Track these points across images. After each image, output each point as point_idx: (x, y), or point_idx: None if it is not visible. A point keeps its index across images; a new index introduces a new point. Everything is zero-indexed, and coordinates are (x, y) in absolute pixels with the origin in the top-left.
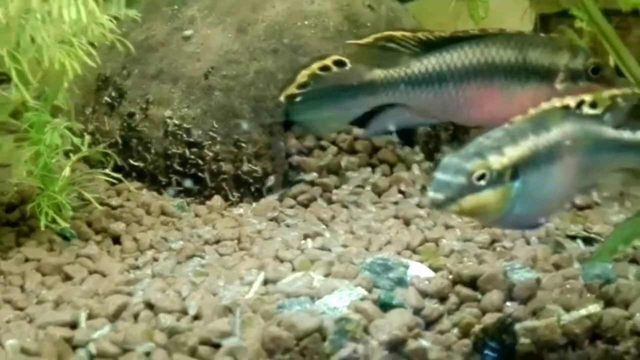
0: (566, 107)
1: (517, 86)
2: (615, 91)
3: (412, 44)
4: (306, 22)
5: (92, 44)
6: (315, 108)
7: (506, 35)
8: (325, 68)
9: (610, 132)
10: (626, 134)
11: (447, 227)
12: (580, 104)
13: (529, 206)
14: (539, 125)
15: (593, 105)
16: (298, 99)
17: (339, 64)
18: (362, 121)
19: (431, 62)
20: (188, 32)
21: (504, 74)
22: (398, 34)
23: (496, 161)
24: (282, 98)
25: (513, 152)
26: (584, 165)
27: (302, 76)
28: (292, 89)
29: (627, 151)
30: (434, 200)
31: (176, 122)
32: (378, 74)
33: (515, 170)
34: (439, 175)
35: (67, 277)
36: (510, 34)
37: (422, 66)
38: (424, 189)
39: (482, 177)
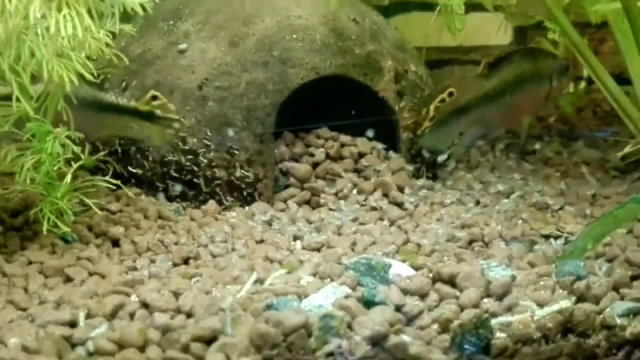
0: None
1: (538, 89)
2: None
3: (483, 66)
4: (294, 36)
5: (90, 58)
6: (442, 134)
7: (526, 49)
8: (442, 101)
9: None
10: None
11: (428, 228)
12: None
13: None
14: None
15: None
16: (428, 130)
17: (451, 95)
18: (343, 128)
19: (496, 81)
20: (183, 46)
21: (533, 81)
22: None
23: None
24: (418, 133)
25: None
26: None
27: (431, 111)
28: (426, 124)
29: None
30: None
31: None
32: (469, 98)
33: None
34: None
35: (68, 279)
36: (527, 49)
37: (492, 85)
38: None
39: None
